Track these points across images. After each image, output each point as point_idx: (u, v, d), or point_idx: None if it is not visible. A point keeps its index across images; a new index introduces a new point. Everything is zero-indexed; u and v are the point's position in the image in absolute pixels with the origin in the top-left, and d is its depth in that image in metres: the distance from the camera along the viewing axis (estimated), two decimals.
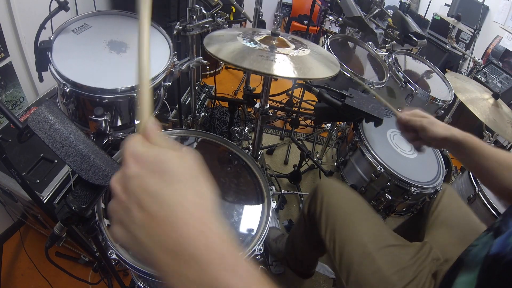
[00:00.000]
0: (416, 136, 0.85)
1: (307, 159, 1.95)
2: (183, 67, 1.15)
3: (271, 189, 0.94)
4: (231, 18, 2.48)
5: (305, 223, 1.10)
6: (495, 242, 0.55)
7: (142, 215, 0.30)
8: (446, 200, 1.04)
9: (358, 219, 0.91)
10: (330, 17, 1.93)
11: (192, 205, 0.30)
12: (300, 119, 2.36)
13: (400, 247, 0.87)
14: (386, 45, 1.81)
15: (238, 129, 1.43)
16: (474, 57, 2.26)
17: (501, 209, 1.18)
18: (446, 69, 2.95)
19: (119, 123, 0.96)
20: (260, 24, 1.93)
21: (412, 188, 1.06)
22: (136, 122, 0.98)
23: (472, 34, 2.74)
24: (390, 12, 1.99)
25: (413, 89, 1.45)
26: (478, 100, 1.35)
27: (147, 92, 0.37)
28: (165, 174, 0.31)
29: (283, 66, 0.81)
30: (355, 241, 0.85)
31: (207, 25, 1.23)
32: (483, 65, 2.76)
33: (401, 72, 1.50)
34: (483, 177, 0.77)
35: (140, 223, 0.30)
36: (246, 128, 1.44)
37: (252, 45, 0.88)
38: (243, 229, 0.84)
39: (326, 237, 0.91)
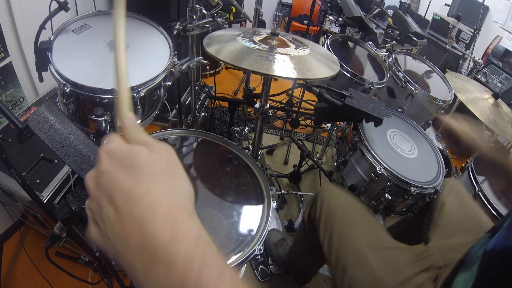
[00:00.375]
0: (457, 143, 0.86)
1: (307, 159, 1.95)
2: (183, 67, 1.15)
3: (271, 189, 0.94)
4: (231, 18, 2.49)
5: (305, 229, 1.12)
6: (491, 241, 0.56)
7: (112, 211, 0.29)
8: (453, 200, 1.03)
9: (355, 223, 0.92)
10: (330, 17, 1.93)
11: (159, 201, 0.29)
12: (300, 119, 2.36)
13: (395, 249, 0.87)
14: (386, 45, 1.81)
15: (238, 129, 1.43)
16: (474, 57, 2.26)
17: (501, 209, 1.18)
18: (446, 69, 2.95)
19: (119, 123, 0.96)
20: (260, 24, 1.93)
21: (412, 188, 1.06)
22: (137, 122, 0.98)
23: (472, 34, 2.74)
24: (390, 12, 1.99)
25: (413, 89, 1.45)
26: (478, 100, 1.35)
27: (125, 88, 0.36)
28: (134, 168, 0.30)
29: (283, 66, 0.81)
30: (352, 244, 0.86)
31: (207, 25, 1.23)
32: (483, 65, 2.76)
33: (401, 72, 1.50)
34: None
35: (110, 219, 0.29)
36: (246, 128, 1.44)
37: (252, 45, 0.88)
38: (243, 229, 0.84)
39: (324, 241, 0.93)
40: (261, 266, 1.51)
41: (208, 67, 1.35)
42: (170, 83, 1.04)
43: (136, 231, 0.27)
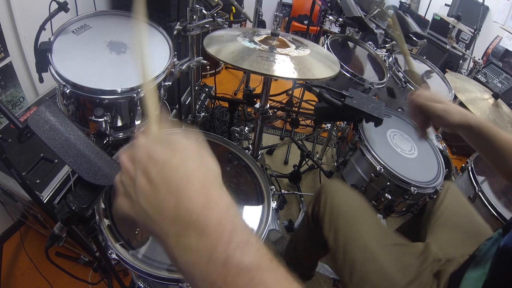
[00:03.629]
0: (426, 120, 0.83)
1: (307, 159, 1.95)
2: (183, 67, 1.15)
3: (271, 189, 0.94)
4: (231, 18, 2.49)
5: (309, 223, 1.11)
6: (504, 238, 0.56)
7: (145, 181, 0.30)
8: (449, 199, 1.04)
9: (362, 219, 0.91)
10: (330, 17, 1.93)
11: (194, 173, 0.31)
12: (300, 119, 2.36)
13: (402, 246, 0.87)
14: (386, 45, 1.81)
15: (238, 129, 1.43)
16: (474, 57, 2.26)
17: (501, 209, 1.18)
18: (446, 69, 2.95)
19: (119, 124, 0.96)
20: (260, 24, 1.94)
21: (412, 188, 1.06)
22: (137, 123, 0.98)
23: (472, 34, 2.75)
24: (390, 12, 1.99)
25: (413, 89, 1.45)
26: (478, 100, 1.35)
27: (152, 90, 0.40)
28: (170, 144, 0.32)
29: (283, 66, 0.81)
30: (359, 240, 0.85)
31: (207, 25, 1.23)
32: (483, 65, 2.76)
33: (401, 72, 1.50)
34: (496, 162, 0.77)
35: (143, 189, 0.30)
36: (246, 128, 1.44)
37: (252, 45, 0.88)
38: None
39: (329, 236, 0.92)
40: None
41: (208, 67, 1.35)
42: (170, 83, 1.04)
43: (172, 198, 0.29)
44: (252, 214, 0.88)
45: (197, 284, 0.28)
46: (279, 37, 0.95)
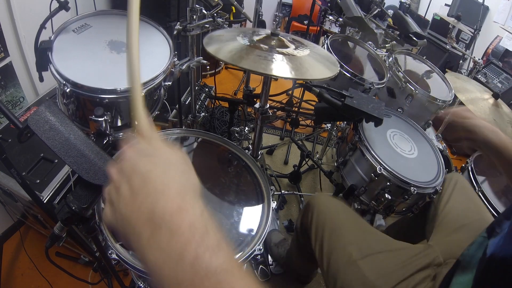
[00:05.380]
0: (459, 137, 0.83)
1: (307, 159, 1.95)
2: (183, 67, 1.15)
3: (271, 189, 0.94)
4: (231, 18, 2.49)
5: (298, 237, 1.13)
6: (490, 243, 0.55)
7: (127, 189, 0.32)
8: (458, 195, 1.03)
9: (345, 230, 0.92)
10: (330, 17, 1.93)
11: (173, 180, 0.32)
12: (300, 119, 2.36)
13: (388, 252, 0.87)
14: (386, 45, 1.81)
15: (238, 129, 1.43)
16: (474, 57, 2.25)
17: (501, 209, 1.18)
18: (446, 69, 2.95)
19: (119, 123, 0.96)
20: (260, 24, 1.93)
21: (412, 188, 1.06)
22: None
23: (472, 34, 2.74)
24: (390, 12, 1.99)
25: (413, 89, 1.45)
26: (478, 100, 1.35)
27: (139, 89, 0.40)
28: (153, 157, 0.34)
29: (282, 66, 0.81)
30: (341, 250, 0.86)
31: (207, 25, 1.23)
32: (483, 65, 2.76)
33: (401, 72, 1.50)
34: None
35: (124, 196, 0.32)
36: (246, 128, 1.44)
37: (251, 45, 0.88)
38: (243, 229, 0.84)
39: (316, 248, 0.93)
40: (261, 266, 1.51)
41: (208, 67, 1.35)
42: (170, 83, 1.04)
43: (148, 200, 0.30)
44: (252, 214, 0.88)
45: (165, 285, 0.28)
46: (279, 37, 0.95)
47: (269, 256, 1.54)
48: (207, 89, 2.29)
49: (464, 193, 1.04)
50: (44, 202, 0.99)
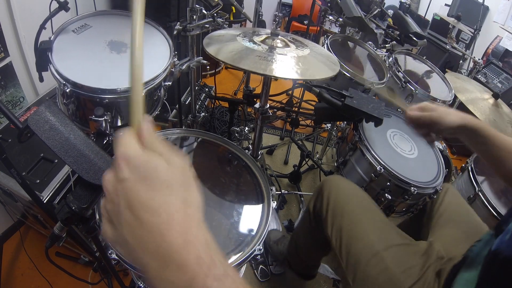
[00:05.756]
0: (429, 131, 0.85)
1: (307, 159, 1.95)
2: (183, 67, 1.15)
3: (271, 189, 0.94)
4: (231, 18, 2.49)
5: (310, 220, 1.09)
6: (496, 241, 0.56)
7: (130, 217, 0.31)
8: (449, 199, 1.04)
9: (366, 218, 0.90)
10: (330, 17, 1.93)
11: (177, 212, 0.32)
12: (300, 119, 2.36)
13: (406, 246, 0.87)
14: (386, 45, 1.81)
15: (238, 129, 1.43)
16: (474, 57, 2.26)
17: (501, 209, 1.18)
18: (446, 69, 2.95)
19: (120, 123, 0.96)
20: (260, 24, 1.94)
21: (412, 188, 1.06)
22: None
23: (472, 34, 2.74)
24: (390, 12, 1.99)
25: (413, 89, 1.45)
26: (478, 100, 1.35)
27: (140, 89, 0.37)
28: (153, 180, 0.32)
29: (283, 66, 0.81)
30: (363, 240, 0.85)
31: (207, 25, 1.23)
32: (483, 65, 2.76)
33: (401, 72, 1.50)
34: (495, 165, 0.77)
35: (128, 224, 0.31)
36: (246, 128, 1.44)
37: (252, 45, 0.88)
38: (243, 229, 0.84)
39: (332, 235, 0.91)
40: (261, 266, 1.51)
41: (208, 67, 1.35)
42: (170, 83, 1.04)
43: (153, 239, 0.30)
44: (252, 214, 0.88)
45: None
46: (279, 37, 0.95)
47: (269, 256, 1.54)
48: (207, 89, 2.29)
49: (455, 198, 1.05)
50: (44, 202, 0.99)
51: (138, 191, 0.31)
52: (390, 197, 1.11)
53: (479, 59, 2.29)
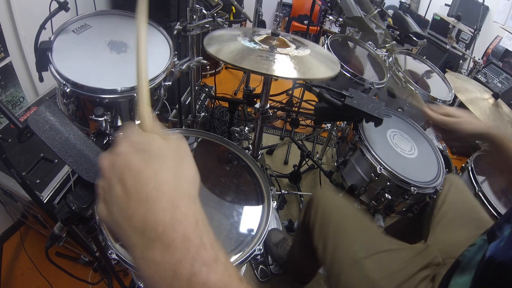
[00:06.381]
0: (449, 136, 0.86)
1: (307, 159, 1.95)
2: (183, 67, 1.15)
3: (271, 189, 0.94)
4: (231, 18, 2.49)
5: (301, 233, 1.11)
6: (490, 246, 0.56)
7: (120, 190, 0.30)
8: (453, 196, 1.03)
9: (350, 227, 0.91)
10: (330, 17, 1.93)
11: (165, 185, 0.30)
12: (300, 119, 2.36)
13: (393, 251, 0.87)
14: (386, 45, 1.81)
15: (238, 129, 1.43)
16: (474, 57, 2.26)
17: (501, 209, 1.18)
18: (446, 69, 2.95)
19: (120, 123, 0.96)
20: (260, 24, 1.93)
21: (412, 188, 1.06)
22: (137, 122, 0.98)
23: (472, 34, 2.75)
24: (390, 12, 1.99)
25: (413, 89, 1.45)
26: (478, 100, 1.35)
27: (145, 83, 0.39)
28: (146, 152, 0.32)
29: (283, 66, 0.81)
30: (346, 249, 0.85)
31: (207, 25, 1.23)
32: (483, 65, 2.76)
33: (401, 72, 1.50)
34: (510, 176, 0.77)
35: (118, 197, 0.30)
36: (246, 128, 1.44)
37: (252, 45, 0.88)
38: (243, 229, 0.84)
39: (319, 245, 0.92)
40: (261, 266, 1.51)
41: (208, 67, 1.35)
42: (170, 83, 1.04)
43: (140, 210, 0.29)
44: (252, 214, 0.88)
45: None
46: (279, 37, 0.95)
47: (269, 256, 1.54)
48: (207, 89, 2.29)
49: (460, 194, 1.04)
50: (44, 202, 0.99)
51: (131, 162, 0.31)
52: (390, 197, 1.11)
53: (479, 59, 2.29)
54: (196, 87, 1.55)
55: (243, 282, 0.29)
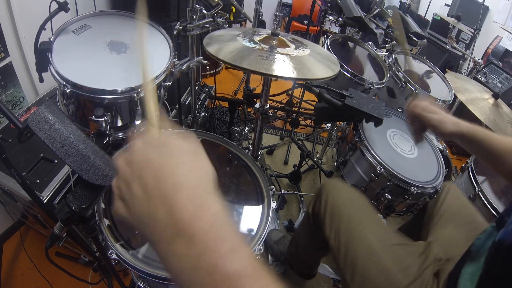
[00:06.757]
0: (422, 129, 0.87)
1: (307, 159, 1.95)
2: (183, 67, 1.15)
3: (271, 189, 0.94)
4: (231, 18, 2.49)
5: (309, 222, 1.10)
6: (499, 232, 0.56)
7: (140, 187, 0.31)
8: (450, 200, 1.04)
9: (363, 219, 0.91)
10: (330, 17, 1.93)
11: (185, 180, 0.31)
12: (300, 119, 2.36)
13: (404, 246, 0.87)
14: (386, 45, 1.81)
15: (238, 129, 1.43)
16: (474, 57, 2.26)
17: (501, 209, 1.18)
18: (446, 69, 2.95)
19: (119, 124, 0.96)
20: (260, 24, 1.94)
21: (412, 188, 1.06)
22: (137, 122, 0.98)
23: (472, 34, 2.75)
24: (390, 12, 1.99)
25: (413, 89, 1.45)
26: (478, 100, 1.35)
27: (153, 91, 0.40)
28: (164, 148, 0.33)
29: (283, 66, 0.81)
30: (361, 240, 0.85)
31: (207, 25, 1.23)
32: (483, 65, 2.76)
33: (401, 72, 1.50)
34: (494, 164, 0.78)
35: (138, 195, 0.31)
36: (246, 128, 1.44)
37: (252, 45, 0.88)
38: (243, 229, 0.84)
39: (330, 236, 0.92)
40: None
41: (208, 67, 1.35)
42: (170, 83, 1.04)
43: (163, 207, 0.30)
44: (252, 214, 0.88)
45: None
46: (279, 37, 0.95)
47: (269, 256, 1.54)
48: (207, 89, 2.29)
49: (457, 199, 1.05)
50: (44, 202, 0.99)
51: (150, 158, 0.32)
52: (390, 197, 1.11)
53: (479, 59, 2.29)
54: (196, 87, 1.55)
55: (261, 270, 0.30)
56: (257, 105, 1.10)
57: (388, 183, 1.09)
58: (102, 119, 0.76)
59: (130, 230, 0.75)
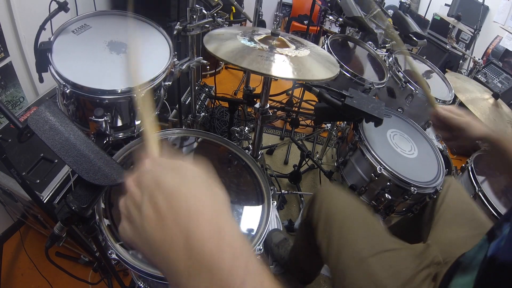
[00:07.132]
0: (451, 135, 0.87)
1: (307, 159, 1.95)
2: (183, 67, 1.15)
3: (271, 189, 0.94)
4: (231, 18, 2.49)
5: (305, 229, 1.11)
6: (491, 245, 0.56)
7: (152, 209, 0.29)
8: (451, 197, 1.03)
9: (355, 225, 0.90)
10: (330, 17, 1.93)
11: (204, 204, 0.30)
12: (300, 119, 2.36)
13: (397, 250, 0.87)
14: (386, 45, 1.81)
15: (238, 129, 1.43)
16: (474, 57, 2.26)
17: (501, 209, 1.18)
18: (446, 69, 2.96)
19: (119, 124, 0.96)
20: (260, 24, 1.93)
21: (412, 188, 1.06)
22: (137, 123, 0.98)
23: (472, 34, 2.75)
24: (390, 12, 1.99)
25: (413, 89, 1.45)
26: (478, 100, 1.35)
27: (154, 131, 0.39)
28: (179, 170, 0.31)
29: (283, 66, 0.81)
30: (351, 247, 0.85)
31: (207, 25, 1.23)
32: (483, 65, 2.76)
33: (401, 72, 1.50)
34: None
35: (150, 217, 0.29)
36: (246, 128, 1.44)
37: (252, 44, 0.88)
38: (243, 229, 0.84)
39: (322, 243, 0.91)
40: None
41: (208, 67, 1.35)
42: (170, 83, 1.04)
43: (181, 235, 0.28)
44: (252, 214, 0.88)
45: None
46: (279, 37, 0.95)
47: (269, 256, 1.54)
48: (207, 89, 2.29)
49: (458, 195, 1.04)
50: (44, 202, 0.99)
51: (163, 179, 0.30)
52: (390, 197, 1.11)
53: (479, 59, 2.30)
54: (196, 87, 1.55)
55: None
56: (257, 105, 1.10)
57: (388, 183, 1.09)
58: (102, 119, 0.76)
59: None
